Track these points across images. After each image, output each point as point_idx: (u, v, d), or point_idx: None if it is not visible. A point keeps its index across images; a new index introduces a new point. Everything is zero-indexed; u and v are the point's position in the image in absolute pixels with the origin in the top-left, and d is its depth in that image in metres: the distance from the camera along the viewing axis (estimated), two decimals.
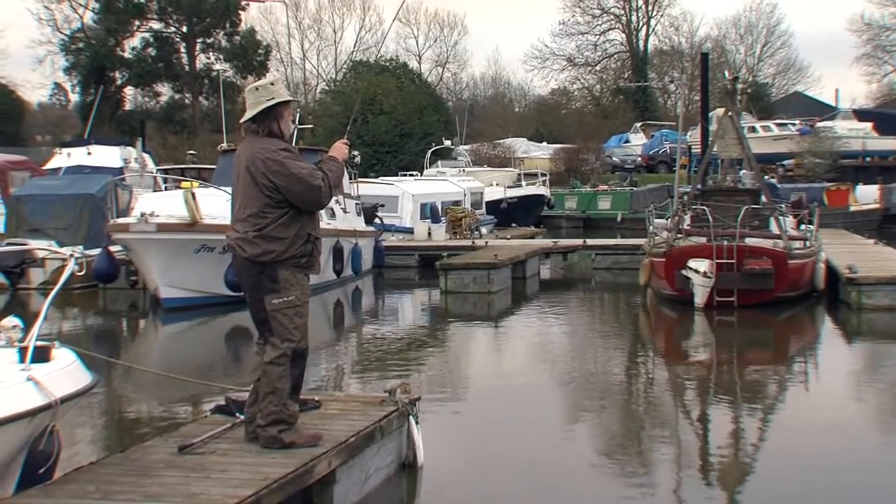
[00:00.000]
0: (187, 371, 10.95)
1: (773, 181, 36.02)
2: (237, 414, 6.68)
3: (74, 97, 66.56)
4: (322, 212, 23.75)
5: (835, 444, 8.34)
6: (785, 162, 45.02)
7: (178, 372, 10.20)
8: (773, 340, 14.93)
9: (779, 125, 49.42)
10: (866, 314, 15.73)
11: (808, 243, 17.80)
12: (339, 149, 6.55)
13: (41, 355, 5.80)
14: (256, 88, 6.28)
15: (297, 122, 25.90)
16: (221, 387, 8.54)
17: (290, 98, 6.42)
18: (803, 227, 19.29)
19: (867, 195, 37.58)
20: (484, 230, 30.38)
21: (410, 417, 7.35)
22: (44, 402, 5.40)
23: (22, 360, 5.70)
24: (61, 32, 63.35)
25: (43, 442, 5.51)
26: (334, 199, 21.11)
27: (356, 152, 6.95)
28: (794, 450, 8.23)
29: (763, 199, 18.27)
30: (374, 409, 7.20)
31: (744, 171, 23.28)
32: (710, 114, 27.48)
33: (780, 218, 17.64)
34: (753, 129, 44.87)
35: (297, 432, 6.23)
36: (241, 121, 6.29)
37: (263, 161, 6.08)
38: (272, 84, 6.29)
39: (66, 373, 5.80)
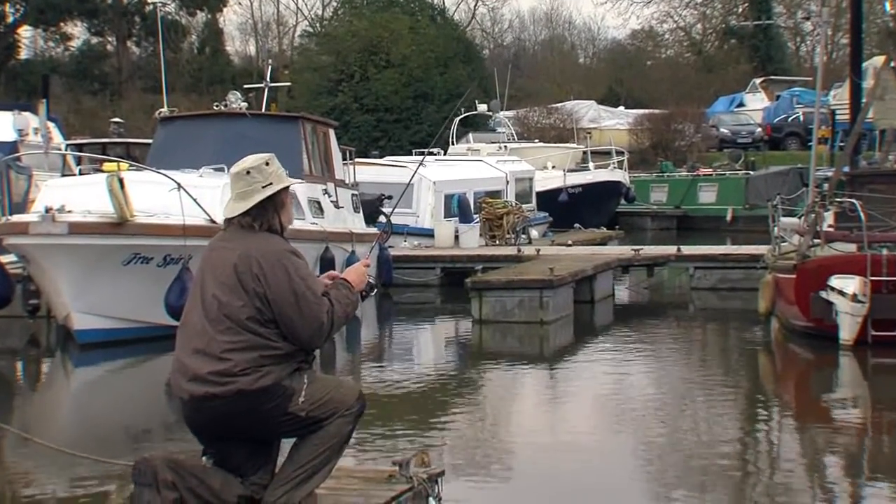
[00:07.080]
0: (110, 436, 11.02)
1: None
2: None
3: None
4: (305, 208, 23.49)
5: None
6: None
7: (98, 437, 10.29)
8: None
9: None
10: None
11: None
12: (357, 274, 6.73)
13: None
14: (247, 172, 6.45)
15: (268, 79, 26.11)
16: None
17: (292, 182, 6.66)
18: None
19: None
20: (535, 233, 30.34)
21: (430, 499, 7.43)
22: None
23: None
24: None
25: None
26: (322, 188, 21.42)
27: (375, 284, 7.21)
28: None
29: None
30: (379, 488, 7.27)
31: None
32: (864, 65, 27.35)
33: None
34: None
35: None
36: (228, 216, 6.46)
37: (259, 263, 6.25)
38: (267, 164, 6.47)
39: None
